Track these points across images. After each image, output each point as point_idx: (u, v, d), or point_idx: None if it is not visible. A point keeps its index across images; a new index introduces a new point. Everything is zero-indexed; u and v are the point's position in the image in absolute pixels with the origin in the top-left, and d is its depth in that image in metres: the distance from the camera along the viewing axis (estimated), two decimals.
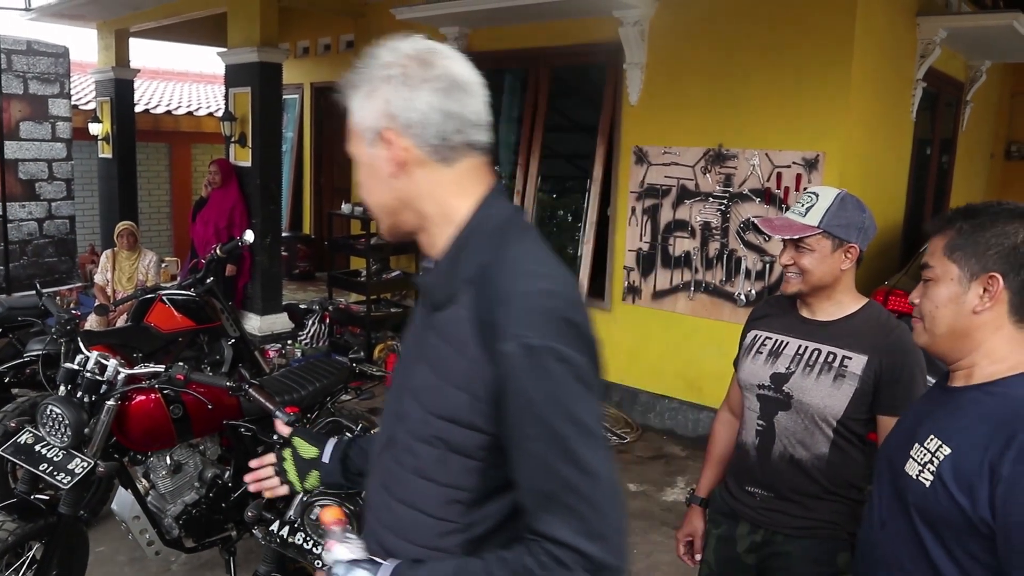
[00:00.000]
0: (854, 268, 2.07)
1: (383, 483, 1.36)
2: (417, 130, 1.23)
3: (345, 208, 7.27)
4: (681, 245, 5.66)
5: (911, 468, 1.48)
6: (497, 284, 1.19)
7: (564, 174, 6.52)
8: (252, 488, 1.73)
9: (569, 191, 6.42)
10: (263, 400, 2.35)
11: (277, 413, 2.31)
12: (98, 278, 6.60)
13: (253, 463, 1.74)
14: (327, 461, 1.61)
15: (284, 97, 10.56)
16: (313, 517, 2.15)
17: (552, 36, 6.18)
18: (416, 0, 6.52)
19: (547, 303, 1.17)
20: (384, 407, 1.46)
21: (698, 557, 2.35)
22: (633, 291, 5.93)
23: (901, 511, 1.50)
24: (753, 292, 5.33)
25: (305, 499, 2.19)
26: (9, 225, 8.30)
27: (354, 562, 1.28)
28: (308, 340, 7.24)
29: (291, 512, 2.34)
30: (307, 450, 1.64)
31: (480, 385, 1.19)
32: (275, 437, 2.32)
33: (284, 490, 1.67)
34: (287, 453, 1.66)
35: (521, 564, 1.16)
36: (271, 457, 1.70)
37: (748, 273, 5.35)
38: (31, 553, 2.78)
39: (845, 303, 2.09)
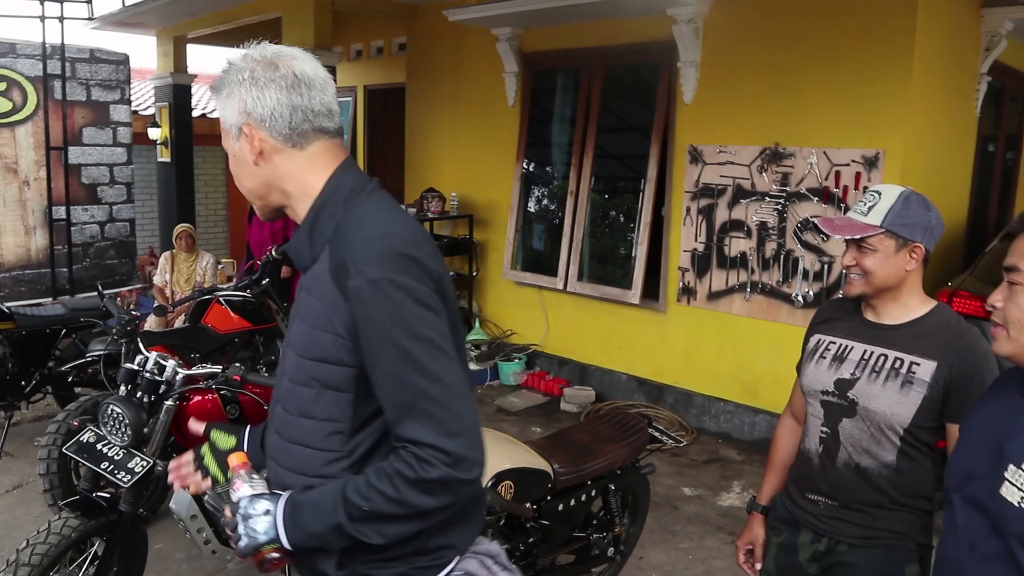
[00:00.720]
0: (920, 269, 1.98)
1: (276, 430, 1.55)
2: (269, 123, 1.44)
3: None
4: (737, 245, 5.56)
5: (1010, 493, 1.35)
6: (347, 235, 1.40)
7: (618, 174, 6.45)
8: (174, 482, 1.81)
9: (622, 191, 6.36)
10: None
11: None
12: (157, 279, 6.74)
13: (172, 463, 1.82)
14: (245, 448, 1.71)
15: (338, 100, 10.70)
16: None
17: (605, 35, 6.13)
18: (468, 1, 6.52)
19: (386, 243, 1.37)
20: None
21: (758, 566, 2.29)
22: (688, 292, 5.84)
23: (994, 533, 1.38)
24: (811, 293, 5.20)
25: None
26: (72, 228, 8.54)
27: (256, 496, 1.45)
28: None
29: None
30: (224, 441, 1.74)
31: (339, 322, 1.38)
32: None
33: (207, 484, 1.75)
34: (204, 448, 1.76)
35: (394, 469, 1.34)
36: (189, 455, 1.79)
37: (806, 274, 5.23)
38: (93, 549, 2.83)
39: (912, 306, 2.01)
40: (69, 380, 5.00)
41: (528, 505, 2.60)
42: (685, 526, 4.39)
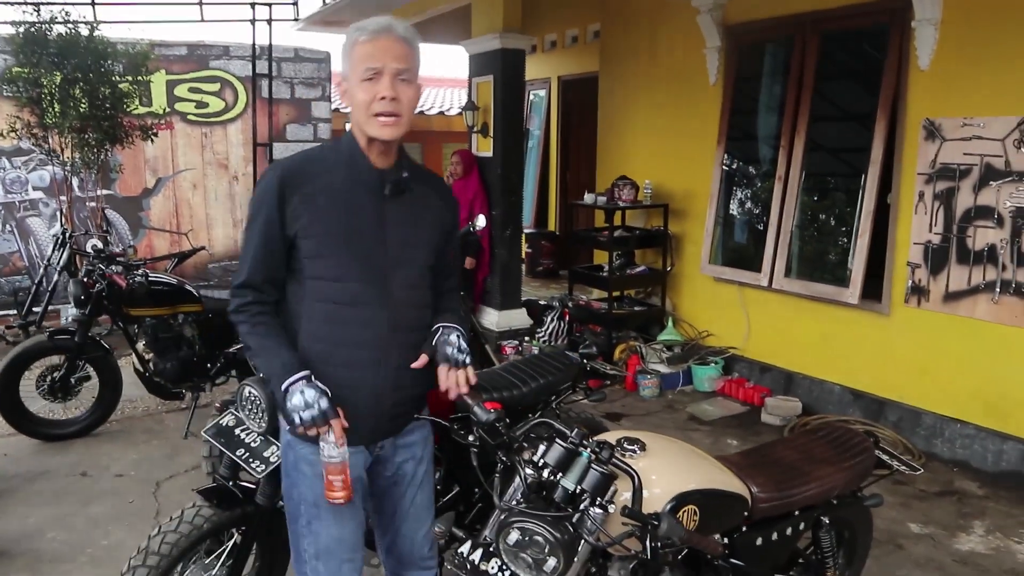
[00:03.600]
0: None
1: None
2: None
3: (588, 198, 6.87)
4: (984, 236, 4.64)
5: None
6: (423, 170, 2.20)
7: (834, 156, 5.64)
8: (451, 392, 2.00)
9: (840, 176, 5.56)
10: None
11: (475, 408, 1.91)
12: None
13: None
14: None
15: (532, 92, 10.49)
16: (511, 541, 1.72)
17: None
18: None
19: None
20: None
21: None
22: (919, 292, 4.97)
23: None
24: None
25: (503, 518, 1.76)
26: None
27: None
28: (546, 337, 6.94)
29: (487, 533, 1.94)
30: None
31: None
32: (470, 438, 1.92)
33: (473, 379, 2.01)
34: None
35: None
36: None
37: None
38: (231, 542, 2.61)
39: None
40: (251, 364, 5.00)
41: (717, 537, 2.07)
42: (912, 571, 3.62)
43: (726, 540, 2.16)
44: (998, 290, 4.58)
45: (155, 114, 7.86)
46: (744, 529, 2.23)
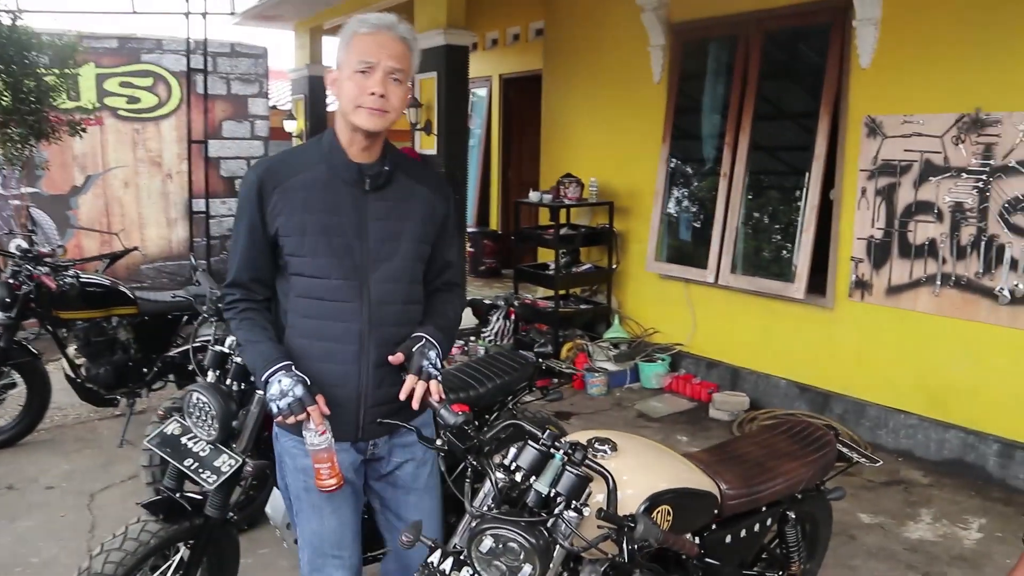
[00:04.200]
0: None
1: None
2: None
3: (533, 196, 6.82)
4: (924, 231, 4.74)
5: None
6: (408, 161, 2.14)
7: (778, 154, 5.71)
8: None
9: (784, 172, 5.62)
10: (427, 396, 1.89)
11: (442, 411, 1.84)
12: None
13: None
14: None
15: (472, 91, 10.40)
16: (483, 549, 1.64)
17: None
18: None
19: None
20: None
21: None
22: (862, 286, 5.05)
23: None
24: (1020, 287, 4.33)
25: (474, 525, 1.68)
26: (211, 221, 8.59)
27: None
28: (492, 337, 6.87)
29: (457, 540, 1.85)
30: None
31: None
32: (438, 442, 1.84)
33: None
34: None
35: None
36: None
37: (1014, 263, 4.36)
38: (178, 556, 2.47)
39: None
40: (190, 368, 4.80)
41: (688, 536, 2.02)
42: (867, 561, 3.67)
43: (697, 540, 2.12)
44: (939, 283, 4.68)
45: (84, 109, 7.54)
46: (713, 527, 2.20)
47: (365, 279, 1.97)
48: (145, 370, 4.81)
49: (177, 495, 2.45)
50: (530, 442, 1.74)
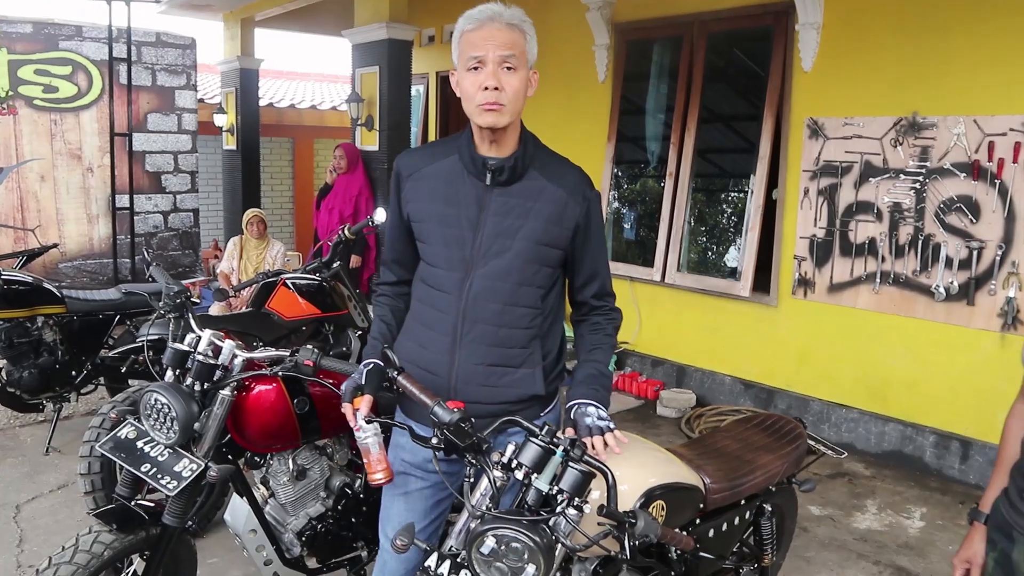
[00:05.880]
0: None
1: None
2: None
3: None
4: (864, 230, 4.86)
5: None
6: (555, 161, 2.11)
7: (723, 153, 5.79)
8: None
9: (729, 172, 5.70)
10: (417, 392, 1.79)
11: (436, 408, 1.74)
12: (223, 266, 6.32)
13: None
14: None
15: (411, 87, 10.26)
16: (485, 551, 1.57)
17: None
18: None
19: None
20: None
21: None
22: (805, 284, 5.16)
23: None
24: (955, 284, 4.48)
25: (474, 526, 1.61)
26: (136, 217, 8.22)
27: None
28: None
29: (452, 542, 1.78)
30: None
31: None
32: (433, 441, 1.76)
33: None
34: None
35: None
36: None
37: (949, 262, 4.51)
38: (132, 568, 2.32)
39: None
40: (122, 370, 4.56)
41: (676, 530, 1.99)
42: (820, 552, 3.73)
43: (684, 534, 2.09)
44: (878, 281, 4.81)
45: None
46: (697, 521, 2.18)
47: (469, 272, 1.94)
48: (74, 373, 4.55)
49: (131, 503, 2.29)
50: (531, 439, 1.68)
